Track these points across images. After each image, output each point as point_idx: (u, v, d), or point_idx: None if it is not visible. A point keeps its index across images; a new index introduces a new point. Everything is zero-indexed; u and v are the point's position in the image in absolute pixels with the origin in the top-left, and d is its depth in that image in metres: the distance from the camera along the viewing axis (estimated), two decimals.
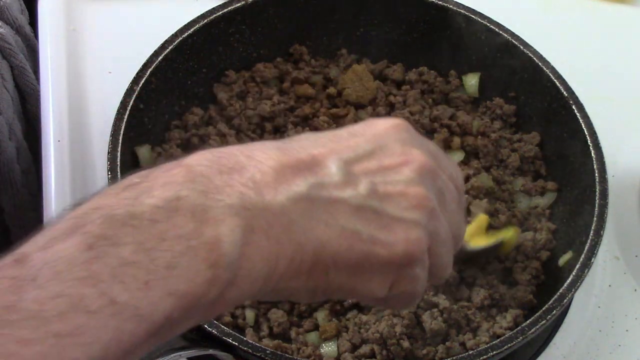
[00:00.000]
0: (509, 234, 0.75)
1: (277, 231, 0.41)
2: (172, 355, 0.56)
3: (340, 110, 0.86)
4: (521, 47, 0.83)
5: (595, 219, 0.72)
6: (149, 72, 0.77)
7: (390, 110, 0.86)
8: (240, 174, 0.41)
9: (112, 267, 0.34)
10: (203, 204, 0.38)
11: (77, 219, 0.36)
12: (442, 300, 0.72)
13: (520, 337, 0.65)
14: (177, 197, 0.38)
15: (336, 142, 0.47)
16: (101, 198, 0.38)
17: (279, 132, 0.84)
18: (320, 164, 0.44)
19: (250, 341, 0.63)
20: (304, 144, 0.46)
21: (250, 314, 0.72)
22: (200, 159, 0.41)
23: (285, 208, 0.41)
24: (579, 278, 0.68)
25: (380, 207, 0.45)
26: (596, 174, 0.75)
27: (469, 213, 0.78)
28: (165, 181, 0.39)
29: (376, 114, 0.85)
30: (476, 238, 0.73)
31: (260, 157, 0.43)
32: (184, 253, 0.36)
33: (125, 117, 0.74)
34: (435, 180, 0.49)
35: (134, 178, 0.40)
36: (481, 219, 0.76)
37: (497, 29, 0.84)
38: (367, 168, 0.46)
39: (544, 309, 0.67)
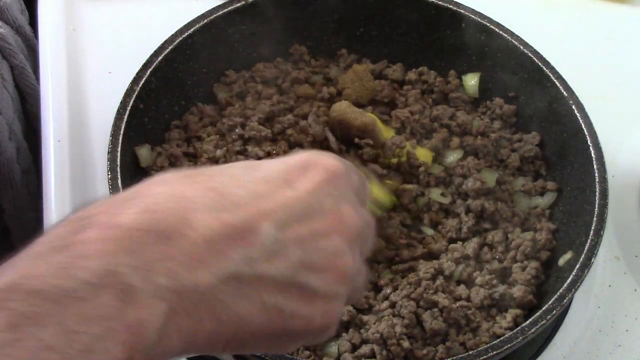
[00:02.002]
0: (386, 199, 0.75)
1: (201, 311, 0.41)
2: None
3: None
4: (521, 47, 0.83)
5: (595, 219, 0.72)
6: (149, 72, 0.77)
7: (390, 109, 0.86)
8: (174, 244, 0.40)
9: (33, 351, 0.34)
10: (131, 284, 0.38)
11: (3, 292, 0.35)
12: (442, 300, 0.72)
13: (520, 337, 0.65)
14: (109, 273, 0.37)
15: (271, 196, 0.46)
16: (32, 262, 0.37)
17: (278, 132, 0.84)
18: (253, 232, 0.43)
19: None
20: (240, 196, 0.44)
21: None
22: (135, 218, 0.40)
23: (213, 289, 0.41)
24: (579, 278, 0.68)
25: (306, 281, 0.45)
26: (596, 174, 0.75)
27: None
28: (100, 249, 0.38)
29: (376, 114, 0.85)
30: None
31: (194, 220, 0.41)
32: (102, 336, 0.36)
33: (125, 117, 0.74)
34: (360, 238, 0.50)
35: (65, 230, 0.39)
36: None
37: (497, 29, 0.84)
38: (298, 234, 0.46)
39: (544, 309, 0.67)
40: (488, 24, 0.84)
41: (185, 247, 0.41)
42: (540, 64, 0.82)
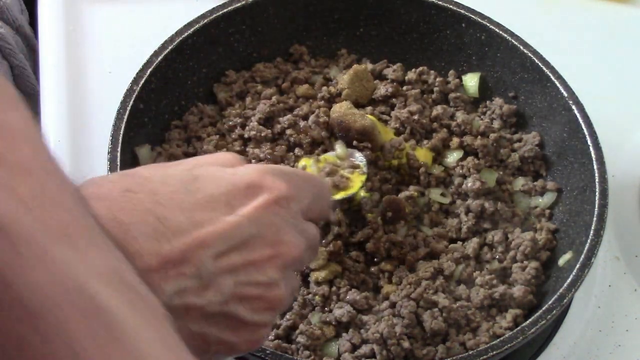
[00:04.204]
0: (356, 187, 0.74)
1: None
2: None
3: None
4: (521, 47, 0.83)
5: (595, 219, 0.72)
6: (149, 72, 0.77)
7: (390, 109, 0.86)
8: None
9: None
10: None
11: None
12: (442, 300, 0.72)
13: (520, 337, 0.65)
14: None
15: (211, 223, 0.45)
16: None
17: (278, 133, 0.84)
18: (188, 262, 0.43)
19: None
20: (179, 222, 0.44)
21: None
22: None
23: None
24: (579, 278, 0.68)
25: (235, 312, 0.46)
26: (596, 174, 0.75)
27: None
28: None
29: (376, 114, 0.85)
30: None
31: (133, 251, 0.41)
32: None
33: (125, 117, 0.74)
34: (298, 263, 0.50)
35: None
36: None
37: (497, 29, 0.84)
38: (233, 264, 0.46)
39: (544, 309, 0.67)
40: (488, 24, 0.84)
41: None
42: (540, 64, 0.82)
